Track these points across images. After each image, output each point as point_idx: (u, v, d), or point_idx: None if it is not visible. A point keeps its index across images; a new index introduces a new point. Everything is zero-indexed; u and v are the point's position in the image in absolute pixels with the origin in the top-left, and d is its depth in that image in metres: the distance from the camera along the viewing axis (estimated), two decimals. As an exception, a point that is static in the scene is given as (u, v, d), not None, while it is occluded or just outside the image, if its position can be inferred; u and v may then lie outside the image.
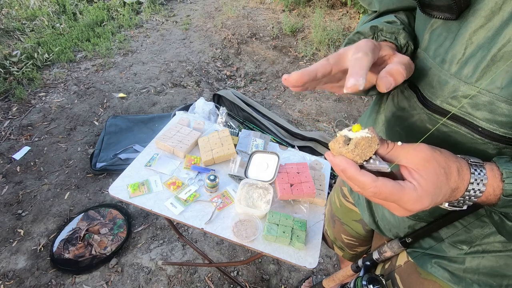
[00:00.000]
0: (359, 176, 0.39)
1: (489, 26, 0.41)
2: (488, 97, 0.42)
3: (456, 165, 0.41)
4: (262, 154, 1.18)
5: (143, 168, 1.14)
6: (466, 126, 0.47)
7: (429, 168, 0.39)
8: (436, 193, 0.39)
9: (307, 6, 4.37)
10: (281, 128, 2.25)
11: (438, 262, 0.62)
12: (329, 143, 0.44)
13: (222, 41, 3.64)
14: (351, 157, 0.40)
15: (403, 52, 0.54)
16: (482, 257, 0.56)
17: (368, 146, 0.40)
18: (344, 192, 0.94)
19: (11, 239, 1.71)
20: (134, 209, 1.88)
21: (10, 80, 2.77)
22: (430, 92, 0.50)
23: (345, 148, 0.41)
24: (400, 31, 0.53)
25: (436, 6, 0.45)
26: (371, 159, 0.41)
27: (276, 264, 1.70)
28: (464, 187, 0.41)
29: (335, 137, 0.43)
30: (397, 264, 0.73)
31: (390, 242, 0.73)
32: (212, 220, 1.00)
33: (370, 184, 0.39)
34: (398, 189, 0.39)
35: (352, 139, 0.40)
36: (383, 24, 0.54)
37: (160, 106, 2.68)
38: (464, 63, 0.44)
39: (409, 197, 0.39)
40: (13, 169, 2.07)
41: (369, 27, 0.55)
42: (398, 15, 0.60)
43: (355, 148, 0.40)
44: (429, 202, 0.39)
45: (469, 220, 0.56)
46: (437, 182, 0.39)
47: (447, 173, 0.40)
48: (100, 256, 1.62)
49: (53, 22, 3.78)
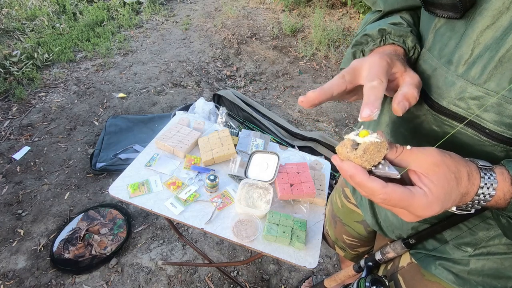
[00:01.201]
0: (368, 182, 0.39)
1: (496, 26, 0.40)
2: (496, 99, 0.42)
3: (466, 169, 0.40)
4: (262, 154, 1.18)
5: (143, 168, 1.14)
6: (473, 128, 0.46)
7: (439, 173, 0.38)
8: (446, 198, 0.39)
9: (307, 6, 4.37)
10: (281, 128, 2.25)
11: (442, 264, 0.61)
12: (336, 147, 0.43)
13: (222, 41, 3.64)
14: (360, 162, 0.39)
15: (411, 55, 0.54)
16: (487, 259, 0.56)
17: (377, 151, 0.39)
18: (346, 193, 0.94)
19: (11, 239, 1.71)
20: (134, 209, 1.88)
21: (10, 80, 2.77)
22: (437, 93, 0.49)
23: (353, 154, 0.40)
24: (408, 34, 0.53)
25: (439, 5, 0.44)
26: (380, 165, 0.40)
27: (276, 264, 1.70)
28: (474, 191, 0.41)
29: (342, 141, 0.42)
30: (400, 266, 0.73)
31: (393, 243, 0.72)
32: (212, 220, 1.00)
33: (379, 190, 0.38)
34: (408, 196, 0.38)
35: (361, 144, 0.39)
36: (391, 26, 0.54)
37: (160, 106, 2.68)
38: (471, 64, 0.43)
39: (419, 203, 0.38)
40: (13, 169, 2.07)
41: (377, 30, 0.55)
42: (403, 15, 0.59)
43: (364, 154, 0.39)
44: (439, 208, 0.39)
45: (474, 222, 0.55)
46: (447, 187, 0.39)
47: (457, 178, 0.39)
48: (100, 256, 1.62)
49: (53, 22, 3.78)
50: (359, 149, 0.39)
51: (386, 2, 0.61)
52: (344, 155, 0.41)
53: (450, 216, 0.58)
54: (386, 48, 0.54)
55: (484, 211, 0.52)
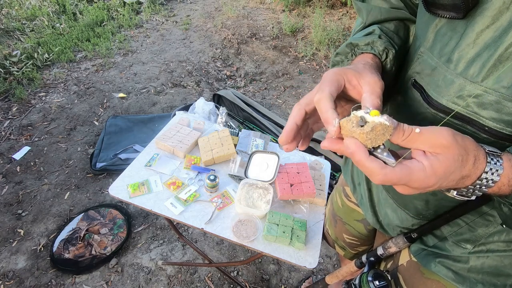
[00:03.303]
0: (367, 162, 0.38)
1: (496, 25, 0.41)
2: (495, 96, 0.42)
3: (474, 153, 0.39)
4: (262, 154, 1.18)
5: (143, 168, 1.14)
6: (472, 125, 0.47)
7: (448, 154, 0.38)
8: (444, 176, 0.38)
9: (307, 6, 4.37)
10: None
11: (442, 262, 0.62)
12: (340, 121, 0.40)
13: (222, 41, 3.64)
14: (363, 139, 0.38)
15: (384, 59, 0.55)
16: (487, 257, 0.56)
17: (382, 134, 0.38)
18: (347, 192, 0.94)
19: (11, 239, 1.71)
20: (134, 209, 1.88)
21: (10, 80, 2.77)
22: (436, 92, 0.50)
23: (360, 129, 0.38)
24: (375, 40, 0.55)
25: (441, 5, 0.45)
26: (379, 148, 0.40)
27: (276, 264, 1.70)
28: (476, 175, 0.40)
29: (347, 117, 0.40)
30: (399, 263, 0.73)
31: (395, 237, 0.73)
32: (212, 220, 1.00)
33: (378, 171, 0.38)
34: (406, 173, 0.38)
35: (369, 122, 0.38)
36: (358, 39, 0.56)
37: (160, 106, 2.68)
38: (470, 63, 0.44)
39: (417, 177, 0.38)
40: (13, 169, 2.07)
41: (346, 45, 0.58)
42: (386, 24, 0.61)
43: (371, 132, 0.38)
44: (434, 182, 0.39)
45: (471, 218, 0.55)
46: (450, 167, 0.38)
47: (463, 160, 0.39)
48: (100, 256, 1.62)
49: (53, 22, 3.78)
50: (367, 126, 0.38)
51: (369, 14, 0.62)
52: (348, 130, 0.39)
53: (449, 210, 0.58)
54: (355, 61, 0.56)
55: (484, 203, 0.52)
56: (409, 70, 0.56)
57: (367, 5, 0.63)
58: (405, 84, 0.57)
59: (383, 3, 0.62)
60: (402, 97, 0.59)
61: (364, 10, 0.62)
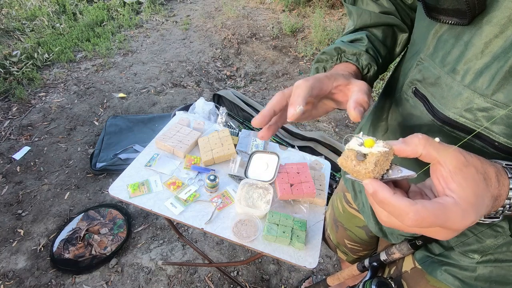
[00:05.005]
0: (393, 199, 0.33)
1: (506, 35, 0.38)
2: (507, 111, 0.40)
3: (493, 169, 0.36)
4: (262, 154, 1.18)
5: (143, 168, 1.14)
6: (481, 140, 0.44)
7: (467, 174, 0.34)
8: (478, 203, 0.34)
9: (307, 6, 4.37)
10: (281, 128, 2.25)
11: (448, 270, 0.59)
12: (338, 161, 0.39)
13: (222, 41, 3.64)
14: (371, 176, 0.36)
15: (365, 73, 0.55)
16: (495, 266, 0.54)
17: (386, 160, 0.36)
18: (348, 198, 0.92)
19: (11, 239, 1.71)
20: (134, 209, 1.88)
21: (10, 80, 2.77)
22: (441, 103, 0.47)
23: (364, 168, 0.36)
24: (362, 52, 0.55)
25: (443, 10, 0.42)
26: (390, 170, 0.37)
27: (276, 264, 1.70)
28: (505, 194, 0.36)
29: (344, 153, 0.38)
30: (403, 270, 0.71)
31: (399, 243, 0.71)
32: (212, 220, 1.00)
33: (408, 208, 0.33)
34: (441, 209, 0.33)
35: (369, 156, 0.36)
36: (346, 45, 0.56)
37: (160, 106, 2.68)
38: (478, 74, 0.41)
39: (455, 215, 0.33)
40: (13, 169, 2.07)
41: (333, 48, 0.57)
42: (374, 30, 0.61)
43: (376, 167, 0.35)
44: (475, 215, 0.34)
45: (480, 229, 0.53)
46: (478, 190, 0.34)
47: (486, 179, 0.35)
48: (100, 256, 1.62)
49: (53, 22, 3.78)
50: (370, 162, 0.35)
51: (359, 18, 0.61)
52: (351, 169, 0.37)
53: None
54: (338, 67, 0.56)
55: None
56: (408, 77, 0.53)
57: (357, 8, 0.62)
58: (405, 92, 0.55)
59: (374, 6, 0.61)
60: (401, 107, 0.57)
61: (355, 13, 0.62)
